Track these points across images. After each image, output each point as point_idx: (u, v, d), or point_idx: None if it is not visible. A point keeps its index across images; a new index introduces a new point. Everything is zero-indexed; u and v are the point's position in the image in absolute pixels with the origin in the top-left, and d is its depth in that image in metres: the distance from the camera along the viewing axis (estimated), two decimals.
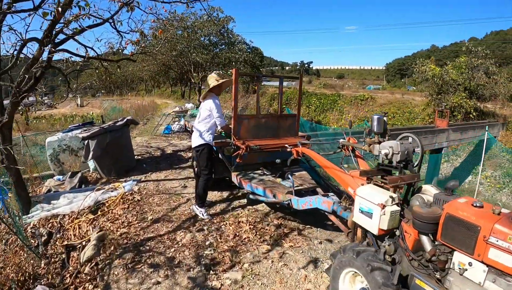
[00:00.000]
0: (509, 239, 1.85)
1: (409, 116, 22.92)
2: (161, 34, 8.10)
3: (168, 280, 3.12)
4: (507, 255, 1.87)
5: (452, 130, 14.99)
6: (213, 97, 4.66)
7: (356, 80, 71.79)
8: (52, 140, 6.91)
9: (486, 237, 1.93)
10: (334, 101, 31.93)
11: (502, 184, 15.43)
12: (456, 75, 18.39)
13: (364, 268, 2.31)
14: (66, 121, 16.45)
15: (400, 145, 2.70)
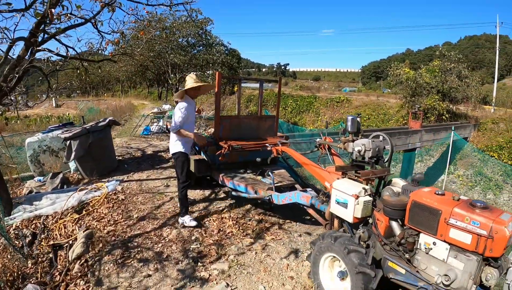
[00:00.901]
0: (466, 220, 2.15)
1: (384, 118, 23.72)
2: (142, 35, 8.18)
3: (158, 273, 3.26)
4: (465, 233, 2.16)
5: (425, 131, 15.67)
6: (184, 100, 4.45)
7: (332, 82, 73.06)
8: (32, 141, 6.84)
9: (447, 219, 2.22)
10: (310, 103, 32.49)
11: (474, 182, 16.24)
12: (429, 78, 19.24)
13: (342, 251, 2.56)
14: (42, 122, 16.07)
15: (372, 142, 2.98)
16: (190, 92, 4.51)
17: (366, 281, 2.44)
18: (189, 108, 4.42)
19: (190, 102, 4.46)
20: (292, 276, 3.24)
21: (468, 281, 2.22)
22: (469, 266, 2.19)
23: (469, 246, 2.17)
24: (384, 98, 28.30)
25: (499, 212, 2.22)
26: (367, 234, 2.81)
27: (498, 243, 2.07)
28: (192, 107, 4.55)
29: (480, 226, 2.10)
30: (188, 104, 4.39)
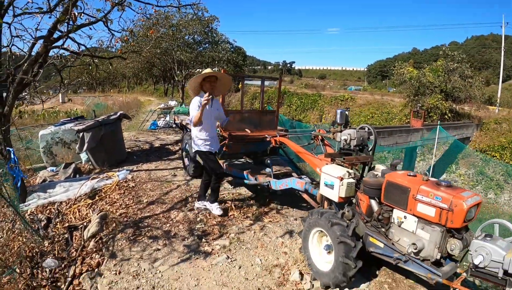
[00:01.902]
0: (431, 195, 2.51)
1: (387, 116, 23.91)
2: (152, 34, 8.58)
3: (167, 248, 3.66)
4: (430, 207, 2.52)
5: (427, 129, 15.87)
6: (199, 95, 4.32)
7: (338, 81, 73.25)
8: (45, 133, 7.26)
9: (415, 195, 2.59)
10: (314, 101, 32.75)
11: (475, 182, 16.41)
12: (433, 77, 19.37)
13: (326, 225, 2.93)
14: (50, 117, 16.52)
15: (357, 132, 3.37)
16: (205, 86, 4.30)
17: (347, 250, 2.79)
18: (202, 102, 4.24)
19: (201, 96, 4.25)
20: (286, 252, 3.62)
21: (434, 250, 2.56)
22: (434, 236, 2.54)
23: (433, 219, 2.52)
24: (388, 97, 28.49)
25: (461, 190, 2.57)
26: (351, 212, 3.19)
27: (457, 215, 2.40)
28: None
29: (442, 200, 2.45)
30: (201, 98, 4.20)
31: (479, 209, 2.60)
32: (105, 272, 3.22)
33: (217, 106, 4.60)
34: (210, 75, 4.32)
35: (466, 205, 2.38)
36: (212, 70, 4.34)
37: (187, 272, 3.20)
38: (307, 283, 3.07)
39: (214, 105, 4.49)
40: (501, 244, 2.34)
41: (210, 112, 4.42)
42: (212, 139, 4.53)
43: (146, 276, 3.14)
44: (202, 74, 4.30)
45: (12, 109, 4.64)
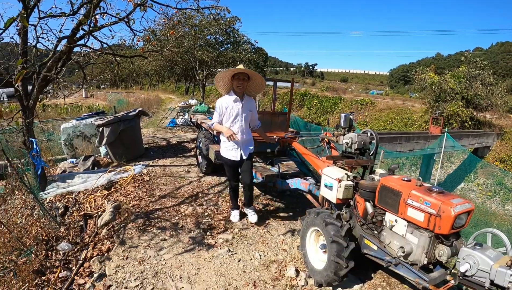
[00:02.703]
0: (420, 200, 2.59)
1: (407, 122, 23.62)
2: (173, 34, 8.88)
3: (173, 238, 3.88)
4: (419, 212, 2.60)
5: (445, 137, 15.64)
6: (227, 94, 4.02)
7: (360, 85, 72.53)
8: (67, 127, 7.65)
9: (406, 200, 2.67)
10: (335, 104, 32.65)
11: (493, 192, 16.05)
12: (454, 84, 19.04)
13: (321, 224, 3.06)
14: (73, 111, 17.20)
15: (358, 136, 3.47)
16: (234, 83, 3.89)
17: (339, 249, 2.89)
18: (230, 103, 3.93)
19: (233, 98, 3.94)
20: (285, 249, 3.77)
21: (421, 255, 2.62)
22: (422, 241, 2.61)
23: (422, 223, 2.59)
24: (409, 102, 28.07)
25: (452, 196, 2.61)
26: (349, 214, 3.30)
27: (445, 221, 2.44)
28: (234, 103, 3.93)
29: (431, 205, 2.52)
30: (229, 99, 3.94)
31: (471, 216, 2.62)
32: (114, 257, 3.47)
33: (249, 107, 4.07)
34: (240, 72, 3.84)
35: (454, 212, 2.41)
36: (244, 67, 3.86)
37: (189, 261, 3.40)
38: (301, 279, 3.20)
39: (246, 105, 4.01)
40: (490, 253, 2.36)
41: (239, 113, 3.97)
42: (238, 144, 4.07)
43: (150, 263, 3.37)
44: (232, 70, 3.82)
45: (36, 102, 4.94)
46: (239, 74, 3.84)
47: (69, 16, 4.24)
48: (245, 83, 3.90)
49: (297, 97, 35.79)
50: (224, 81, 3.97)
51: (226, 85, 4.01)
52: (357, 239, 3.17)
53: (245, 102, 4.00)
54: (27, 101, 4.90)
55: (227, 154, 4.11)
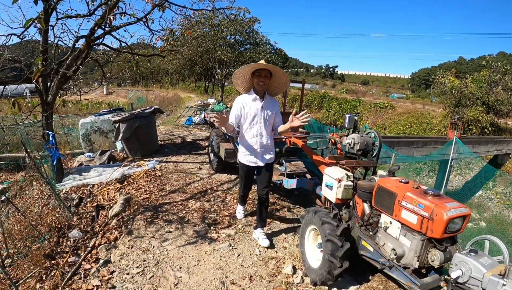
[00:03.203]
0: (414, 203, 2.60)
1: (426, 127, 23.23)
2: (189, 34, 9.08)
3: (178, 231, 4.02)
4: (412, 214, 2.60)
5: (463, 142, 15.29)
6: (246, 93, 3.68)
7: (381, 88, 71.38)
8: (86, 122, 7.96)
9: (400, 201, 2.69)
10: (354, 106, 32.44)
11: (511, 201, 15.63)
12: (474, 88, 18.61)
13: (318, 223, 3.12)
14: (93, 107, 17.75)
15: (360, 137, 3.50)
16: (255, 81, 3.53)
17: (333, 249, 2.91)
18: (248, 103, 3.60)
19: (252, 97, 3.60)
20: (286, 247, 3.84)
21: (413, 259, 2.60)
22: (414, 244, 2.60)
23: (415, 226, 2.58)
24: (429, 106, 27.56)
25: (448, 200, 2.59)
26: (348, 215, 3.35)
27: (437, 224, 2.42)
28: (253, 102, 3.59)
29: (424, 208, 2.51)
30: (247, 98, 3.61)
31: (467, 221, 2.60)
32: (120, 246, 3.64)
33: (271, 108, 3.67)
34: (261, 68, 3.45)
35: (446, 215, 2.39)
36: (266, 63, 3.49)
37: (191, 253, 3.53)
38: (298, 277, 3.26)
39: (267, 105, 3.64)
40: (484, 261, 2.31)
41: (258, 114, 3.60)
42: (256, 150, 3.69)
43: (153, 252, 3.52)
44: (252, 65, 3.45)
45: (55, 98, 5.18)
46: (260, 70, 3.45)
47: (85, 17, 4.44)
48: (267, 81, 3.51)
49: (316, 99, 35.69)
50: (243, 78, 3.60)
51: (245, 82, 3.64)
52: (354, 239, 3.22)
53: (266, 102, 3.62)
54: (46, 97, 5.16)
55: (243, 159, 3.76)
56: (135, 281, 3.07)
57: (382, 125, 27.67)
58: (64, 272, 3.26)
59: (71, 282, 3.10)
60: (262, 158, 3.73)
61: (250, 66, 3.47)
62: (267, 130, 3.70)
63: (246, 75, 3.56)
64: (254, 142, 3.65)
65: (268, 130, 3.70)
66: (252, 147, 3.67)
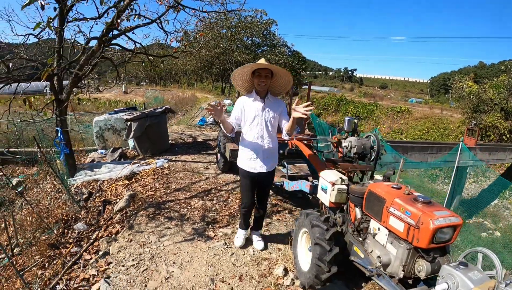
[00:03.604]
0: (402, 209, 2.54)
1: (444, 132, 22.79)
2: (202, 36, 9.26)
3: (177, 228, 4.14)
4: (400, 221, 2.53)
5: (480, 149, 14.93)
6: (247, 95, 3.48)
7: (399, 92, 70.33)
8: (99, 120, 8.22)
9: (388, 207, 2.65)
10: (371, 110, 32.13)
11: None
12: (493, 94, 18.15)
13: (308, 226, 3.15)
14: (111, 106, 18.21)
15: (357, 140, 3.49)
16: (255, 81, 3.31)
17: (321, 253, 2.89)
18: (248, 103, 3.39)
19: (254, 97, 3.38)
20: (280, 248, 3.89)
21: (399, 267, 2.51)
22: (400, 252, 2.50)
23: (402, 234, 2.47)
24: (448, 112, 27.02)
25: (438, 208, 2.48)
26: (342, 219, 3.37)
27: (423, 233, 2.30)
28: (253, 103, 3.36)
29: (411, 216, 2.42)
30: (248, 99, 3.41)
31: (458, 231, 2.48)
32: (120, 239, 3.80)
33: (274, 108, 3.43)
34: (261, 68, 3.24)
35: (433, 225, 2.27)
36: (267, 62, 3.25)
37: (186, 249, 3.64)
38: (288, 279, 3.29)
39: (270, 106, 3.40)
40: (473, 275, 2.15)
41: (259, 115, 3.36)
42: (257, 154, 3.41)
43: (150, 247, 3.66)
44: (251, 65, 3.25)
45: (69, 96, 5.39)
46: (260, 70, 3.23)
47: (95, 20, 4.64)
48: (268, 81, 3.29)
49: (333, 102, 35.52)
50: (243, 79, 3.40)
51: (246, 83, 3.44)
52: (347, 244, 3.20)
53: (268, 102, 3.38)
54: (61, 94, 5.38)
55: (244, 164, 3.47)
56: (129, 272, 3.20)
57: (399, 130, 27.28)
58: (65, 261, 3.44)
59: (70, 271, 3.27)
60: (263, 164, 3.43)
61: (248, 66, 3.27)
62: (269, 133, 3.41)
63: (246, 76, 3.36)
64: (254, 145, 3.39)
65: (270, 133, 3.42)
66: (253, 151, 3.40)
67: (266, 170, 3.46)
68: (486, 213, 15.45)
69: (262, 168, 3.43)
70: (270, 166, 3.51)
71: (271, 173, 3.58)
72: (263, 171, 3.44)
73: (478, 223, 14.81)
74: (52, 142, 6.11)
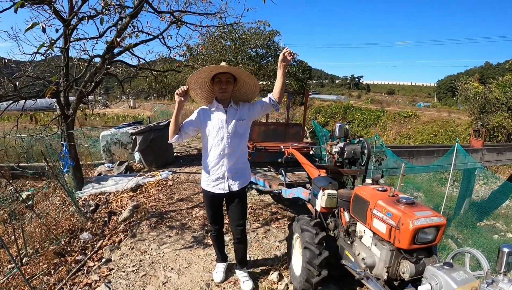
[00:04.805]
0: (384, 211, 2.59)
1: (451, 135, 22.66)
2: (203, 50, 9.52)
3: (177, 236, 4.30)
4: (382, 223, 2.59)
5: (487, 150, 14.80)
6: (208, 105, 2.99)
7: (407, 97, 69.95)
8: (106, 134, 8.49)
9: (372, 209, 2.71)
10: (377, 117, 32.07)
11: None
12: (499, 93, 18.04)
13: (299, 230, 3.25)
14: (119, 120, 18.56)
15: (347, 146, 3.61)
16: (216, 89, 2.84)
17: (311, 256, 2.91)
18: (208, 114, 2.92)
19: (216, 107, 2.91)
20: (277, 254, 4.00)
21: (383, 269, 2.53)
22: (384, 254, 2.55)
23: (384, 235, 2.52)
24: (455, 114, 26.85)
25: (420, 208, 2.51)
26: (334, 223, 3.48)
27: (403, 234, 2.33)
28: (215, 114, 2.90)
29: (392, 217, 2.47)
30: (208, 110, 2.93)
31: (442, 232, 2.50)
32: (122, 247, 4.00)
33: (239, 115, 2.94)
34: (221, 72, 2.77)
35: (412, 225, 2.30)
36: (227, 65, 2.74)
37: (184, 256, 3.80)
38: (282, 284, 3.37)
39: (235, 115, 2.93)
40: (458, 276, 2.12)
41: (224, 128, 2.88)
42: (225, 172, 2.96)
43: (151, 254, 3.84)
44: (207, 69, 2.73)
45: (76, 111, 5.63)
46: (220, 74, 2.77)
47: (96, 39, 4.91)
48: (230, 87, 2.83)
49: (340, 109, 35.59)
50: (202, 86, 2.87)
51: (205, 92, 2.93)
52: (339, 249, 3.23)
53: (232, 111, 2.92)
54: (67, 110, 5.63)
55: (210, 186, 3.02)
56: (129, 278, 3.38)
57: (407, 135, 27.17)
58: (70, 268, 3.62)
59: (74, 277, 3.47)
60: (233, 181, 3.00)
61: (205, 70, 2.72)
62: (237, 145, 2.95)
63: (204, 83, 2.85)
64: (221, 161, 2.93)
65: (238, 145, 2.95)
66: (220, 168, 2.95)
67: (239, 187, 3.02)
68: (497, 215, 15.25)
69: (233, 186, 2.99)
70: (242, 181, 3.07)
71: (243, 191, 3.11)
72: (235, 189, 3.00)
73: (489, 225, 14.64)
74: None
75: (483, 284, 2.00)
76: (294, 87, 25.03)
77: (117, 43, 4.83)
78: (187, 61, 8.81)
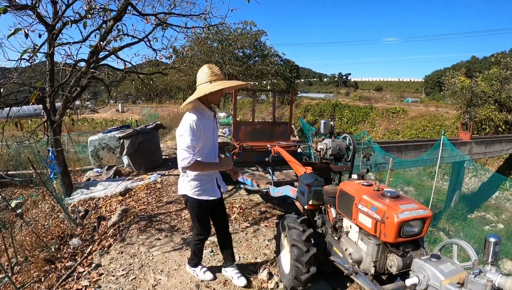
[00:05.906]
0: (369, 205, 2.62)
1: (440, 129, 22.98)
2: (188, 52, 9.51)
3: (167, 238, 4.30)
4: (367, 218, 2.61)
5: (476, 143, 15.05)
6: (193, 111, 2.82)
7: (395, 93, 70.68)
8: (94, 139, 8.42)
9: (357, 204, 2.74)
10: (366, 113, 32.37)
11: None
12: (485, 87, 18.34)
13: (286, 228, 3.25)
14: (107, 125, 18.41)
15: (332, 142, 3.61)
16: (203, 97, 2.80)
17: (299, 254, 2.91)
18: (203, 122, 2.80)
19: (204, 113, 2.86)
20: (266, 253, 4.03)
21: (370, 264, 2.56)
22: (370, 248, 2.58)
23: (370, 230, 2.55)
24: (443, 109, 27.25)
25: (405, 201, 2.52)
26: (321, 220, 3.51)
27: (389, 227, 2.35)
28: (208, 120, 2.88)
29: (377, 211, 2.49)
30: (200, 115, 2.80)
31: (428, 224, 2.48)
32: (111, 251, 3.99)
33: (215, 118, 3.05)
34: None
35: (397, 218, 2.31)
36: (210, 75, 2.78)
37: (174, 258, 3.80)
38: (273, 282, 3.38)
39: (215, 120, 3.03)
40: (445, 267, 2.15)
41: (213, 132, 2.96)
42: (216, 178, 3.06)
43: (140, 257, 3.84)
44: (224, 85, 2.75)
45: (62, 116, 5.57)
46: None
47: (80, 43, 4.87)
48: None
49: (328, 107, 35.79)
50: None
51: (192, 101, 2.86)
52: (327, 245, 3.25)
53: (214, 117, 3.02)
54: (54, 116, 5.58)
55: (203, 195, 2.96)
56: (119, 282, 3.37)
57: (395, 131, 27.47)
58: (60, 275, 3.61)
59: (65, 283, 3.46)
60: (221, 187, 3.17)
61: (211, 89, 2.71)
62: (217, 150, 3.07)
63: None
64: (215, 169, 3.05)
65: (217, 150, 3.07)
66: (213, 175, 3.01)
67: (224, 189, 3.25)
68: (488, 206, 15.53)
69: (223, 188, 3.18)
70: (225, 184, 3.25)
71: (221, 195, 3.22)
72: (223, 191, 3.24)
73: (480, 217, 14.89)
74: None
75: (471, 275, 2.00)
76: (281, 86, 25.10)
77: (101, 47, 4.81)
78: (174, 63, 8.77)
